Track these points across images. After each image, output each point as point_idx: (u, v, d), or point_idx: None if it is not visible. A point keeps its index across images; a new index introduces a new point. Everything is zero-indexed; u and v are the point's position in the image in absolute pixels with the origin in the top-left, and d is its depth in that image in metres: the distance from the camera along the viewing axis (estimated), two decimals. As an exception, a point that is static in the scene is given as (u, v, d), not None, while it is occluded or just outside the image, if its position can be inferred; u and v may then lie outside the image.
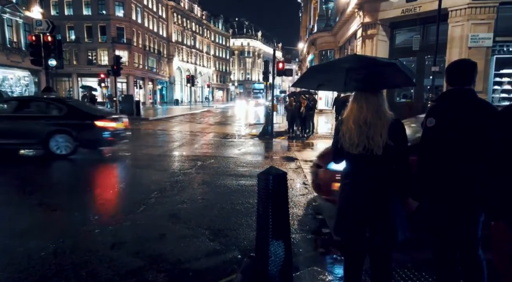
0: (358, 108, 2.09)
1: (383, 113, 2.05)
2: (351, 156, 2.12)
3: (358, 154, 2.07)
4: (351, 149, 2.10)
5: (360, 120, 2.06)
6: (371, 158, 2.05)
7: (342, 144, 2.14)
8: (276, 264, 2.29)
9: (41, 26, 14.69)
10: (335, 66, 2.42)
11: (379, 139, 2.01)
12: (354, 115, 2.10)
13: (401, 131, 2.06)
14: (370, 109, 2.05)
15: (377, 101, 2.07)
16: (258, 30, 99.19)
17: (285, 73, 16.44)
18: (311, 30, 35.47)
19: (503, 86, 16.02)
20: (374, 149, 2.02)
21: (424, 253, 3.24)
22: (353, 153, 2.09)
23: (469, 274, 2.13)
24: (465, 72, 2.07)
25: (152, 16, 52.02)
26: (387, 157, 2.04)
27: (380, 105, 2.06)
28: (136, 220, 4.37)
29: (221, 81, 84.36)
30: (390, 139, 2.00)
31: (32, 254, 3.34)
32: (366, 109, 2.07)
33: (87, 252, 3.41)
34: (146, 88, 49.86)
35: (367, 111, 2.06)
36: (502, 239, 1.67)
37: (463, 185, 1.97)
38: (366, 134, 2.04)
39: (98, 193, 5.85)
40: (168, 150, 10.41)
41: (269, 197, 2.25)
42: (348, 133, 2.10)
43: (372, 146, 2.02)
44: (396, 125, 2.04)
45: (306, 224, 4.31)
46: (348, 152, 2.13)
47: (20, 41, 29.24)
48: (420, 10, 16.70)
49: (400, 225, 2.10)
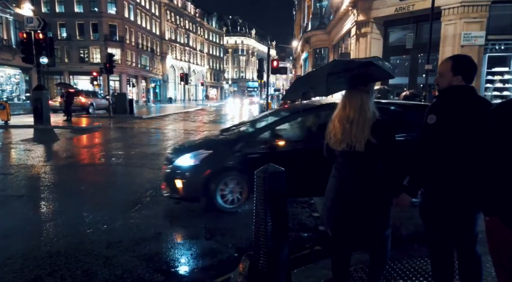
0: (342, 107, 2.20)
1: (366, 111, 2.11)
2: (337, 153, 2.23)
3: (343, 151, 2.16)
4: (336, 146, 2.20)
5: (344, 118, 2.15)
6: (355, 155, 2.13)
7: (329, 142, 2.25)
8: (274, 262, 2.29)
9: (32, 24, 14.50)
10: (317, 74, 2.52)
11: (361, 136, 2.08)
12: (339, 114, 2.20)
13: (385, 130, 2.12)
14: (352, 107, 2.13)
15: (360, 100, 2.13)
16: (252, 28, 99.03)
17: (280, 71, 16.46)
18: (305, 28, 35.49)
19: (495, 84, 16.21)
20: (356, 146, 2.10)
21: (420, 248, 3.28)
22: (338, 149, 2.19)
23: (465, 270, 2.15)
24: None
25: (145, 14, 51.61)
26: (369, 154, 2.11)
27: (363, 104, 2.13)
28: (131, 218, 4.34)
29: (215, 79, 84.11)
30: (373, 137, 2.07)
31: (26, 254, 3.30)
32: (349, 107, 2.15)
33: (82, 251, 3.38)
34: (139, 86, 49.51)
35: (349, 109, 2.14)
36: (497, 234, 1.69)
37: (461, 182, 1.98)
38: (349, 131, 2.12)
39: (92, 192, 5.79)
40: (162, 148, 10.34)
41: (267, 195, 2.25)
42: (333, 131, 2.21)
43: (354, 142, 2.10)
44: (380, 124, 2.11)
45: (302, 222, 4.32)
46: (334, 149, 2.23)
47: (10, 38, 28.82)
48: (413, 9, 16.81)
49: (384, 223, 2.23)
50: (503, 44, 15.41)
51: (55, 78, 41.98)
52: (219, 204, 4.44)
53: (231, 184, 4.50)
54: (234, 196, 4.51)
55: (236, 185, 4.51)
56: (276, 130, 4.77)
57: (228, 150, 4.52)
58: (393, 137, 2.17)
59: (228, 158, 4.49)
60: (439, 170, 2.04)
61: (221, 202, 4.45)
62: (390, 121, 2.22)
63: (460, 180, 1.98)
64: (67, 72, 42.91)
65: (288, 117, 5.02)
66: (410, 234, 3.76)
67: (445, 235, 2.14)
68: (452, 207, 2.05)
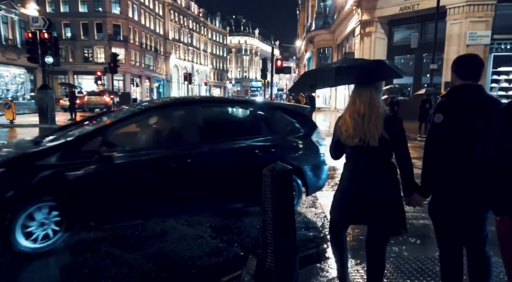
0: (352, 102, 2.21)
1: (376, 106, 2.13)
2: (349, 148, 2.23)
3: (355, 146, 2.17)
4: (348, 141, 2.20)
5: (355, 113, 2.16)
6: (368, 150, 2.13)
7: (339, 137, 2.25)
8: (281, 261, 2.29)
9: (37, 23, 14.59)
10: (325, 68, 2.57)
11: (374, 131, 2.09)
12: (350, 109, 2.21)
13: (398, 126, 2.14)
14: (362, 102, 2.15)
15: (370, 95, 2.15)
16: (256, 27, 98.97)
17: (283, 70, 16.45)
18: (308, 28, 35.43)
19: (500, 84, 16.10)
20: (370, 141, 2.10)
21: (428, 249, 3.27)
22: (350, 145, 2.19)
23: (474, 271, 2.13)
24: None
25: (148, 14, 51.74)
26: (383, 149, 2.12)
27: (372, 99, 2.15)
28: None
29: (218, 79, 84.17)
30: (386, 133, 2.08)
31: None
32: (359, 102, 2.16)
33: (89, 250, 3.39)
34: (143, 86, 49.65)
35: (360, 104, 2.16)
36: (508, 233, 1.67)
37: (470, 182, 1.96)
38: (361, 126, 2.13)
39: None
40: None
41: (274, 193, 2.24)
42: (344, 126, 2.21)
43: (368, 137, 2.11)
44: (392, 120, 2.13)
45: (308, 221, 4.31)
46: (345, 144, 2.23)
47: (15, 38, 29.00)
48: (418, 8, 16.73)
49: (399, 219, 2.20)
50: (508, 44, 15.31)
51: (60, 77, 42.21)
52: (20, 245, 3.12)
53: (39, 215, 3.22)
54: (47, 230, 3.26)
55: (48, 215, 3.25)
56: (112, 136, 3.57)
57: (31, 166, 3.26)
58: (405, 134, 2.17)
59: (32, 178, 3.20)
60: (448, 168, 2.03)
61: (23, 241, 3.13)
62: (400, 119, 2.23)
63: (469, 179, 1.96)
64: (72, 72, 43.09)
65: (128, 118, 3.81)
66: (419, 234, 3.74)
67: (454, 234, 2.12)
68: (461, 206, 2.03)
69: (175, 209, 3.85)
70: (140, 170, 3.57)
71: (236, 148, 3.97)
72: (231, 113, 4.89)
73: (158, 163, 3.64)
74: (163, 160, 3.65)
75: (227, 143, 3.96)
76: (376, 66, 2.25)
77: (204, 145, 3.81)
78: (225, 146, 3.94)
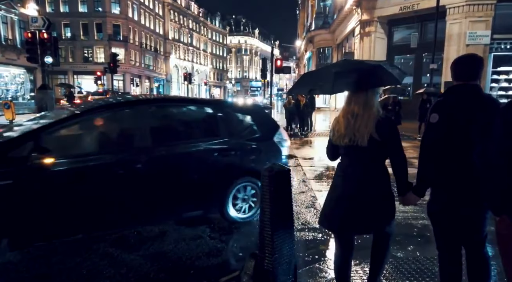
0: (347, 103, 2.22)
1: (370, 107, 2.14)
2: (342, 149, 2.24)
3: (346, 146, 2.18)
4: (339, 141, 2.21)
5: (349, 113, 2.18)
6: (357, 150, 2.13)
7: (332, 138, 2.26)
8: (279, 262, 2.28)
9: (37, 23, 14.58)
10: (325, 71, 2.52)
11: (364, 131, 2.09)
12: (345, 109, 2.23)
13: (390, 127, 2.14)
14: (357, 103, 2.16)
15: (366, 97, 2.16)
16: (255, 27, 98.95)
17: (283, 70, 16.42)
18: (308, 28, 35.43)
19: (500, 83, 16.09)
20: (359, 140, 2.10)
21: (427, 249, 3.26)
22: (341, 145, 2.20)
23: (474, 271, 2.12)
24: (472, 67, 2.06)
25: (148, 13, 51.72)
26: (373, 150, 2.12)
27: (368, 100, 2.15)
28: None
29: (218, 79, 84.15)
30: (377, 134, 2.08)
31: (24, 253, 3.31)
32: (354, 103, 2.17)
33: (87, 250, 3.38)
34: (143, 86, 49.64)
35: (354, 105, 2.17)
36: (507, 233, 1.66)
37: (469, 182, 1.95)
38: (352, 125, 2.14)
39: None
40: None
41: (272, 194, 2.24)
42: (337, 126, 2.23)
43: (357, 137, 2.11)
44: (384, 121, 2.13)
45: (307, 222, 4.30)
46: (338, 145, 2.24)
47: (15, 38, 28.97)
48: (418, 8, 16.72)
49: (387, 217, 2.24)
50: (508, 43, 15.30)
51: (60, 77, 42.19)
52: None
53: None
54: None
55: None
56: (47, 140, 3.05)
57: None
58: (398, 135, 2.17)
59: None
60: (445, 168, 2.02)
61: None
62: (393, 120, 2.24)
63: (468, 179, 1.96)
64: (71, 71, 43.08)
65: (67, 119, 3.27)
66: (418, 234, 3.73)
67: (453, 235, 2.11)
68: (460, 206, 2.02)
69: (123, 220, 3.46)
70: (79, 178, 3.10)
71: (192, 152, 3.72)
72: (186, 114, 4.37)
73: (102, 170, 3.21)
74: (107, 166, 3.23)
75: (181, 146, 3.70)
76: (375, 72, 2.24)
77: (155, 149, 3.51)
78: (179, 149, 3.67)
